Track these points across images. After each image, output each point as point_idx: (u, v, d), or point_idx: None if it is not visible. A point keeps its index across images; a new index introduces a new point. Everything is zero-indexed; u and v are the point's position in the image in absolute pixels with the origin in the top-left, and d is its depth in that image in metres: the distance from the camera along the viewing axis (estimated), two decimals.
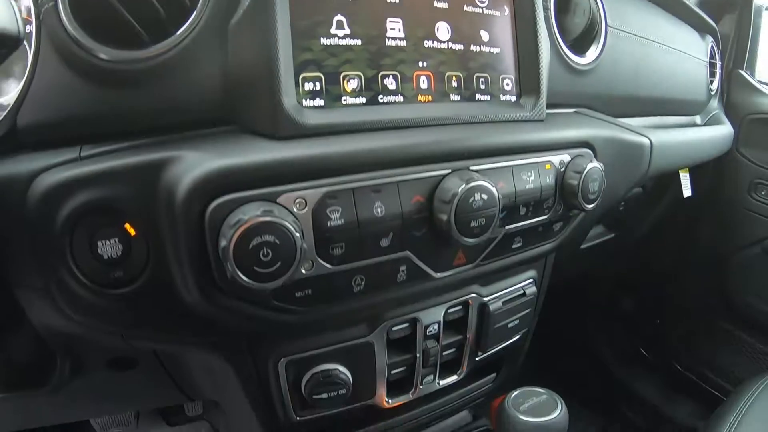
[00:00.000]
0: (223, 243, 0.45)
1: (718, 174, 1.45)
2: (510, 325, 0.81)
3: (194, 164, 0.47)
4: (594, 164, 0.70)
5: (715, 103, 1.39)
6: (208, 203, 0.47)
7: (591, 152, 0.73)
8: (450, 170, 0.58)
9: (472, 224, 0.57)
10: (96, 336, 0.60)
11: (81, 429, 1.24)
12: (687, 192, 1.32)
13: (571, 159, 0.70)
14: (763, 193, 1.42)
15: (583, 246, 1.17)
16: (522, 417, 0.64)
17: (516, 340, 0.87)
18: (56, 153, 0.49)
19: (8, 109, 0.48)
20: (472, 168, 0.59)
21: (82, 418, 1.09)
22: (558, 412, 0.65)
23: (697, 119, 1.31)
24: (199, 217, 0.47)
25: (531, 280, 0.83)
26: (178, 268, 0.50)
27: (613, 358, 1.84)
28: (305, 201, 0.50)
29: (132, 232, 0.49)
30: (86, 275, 0.50)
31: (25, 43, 0.49)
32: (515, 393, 0.68)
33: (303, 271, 0.52)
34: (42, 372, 0.71)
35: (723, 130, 1.30)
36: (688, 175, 1.30)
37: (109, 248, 0.49)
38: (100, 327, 0.56)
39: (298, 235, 0.47)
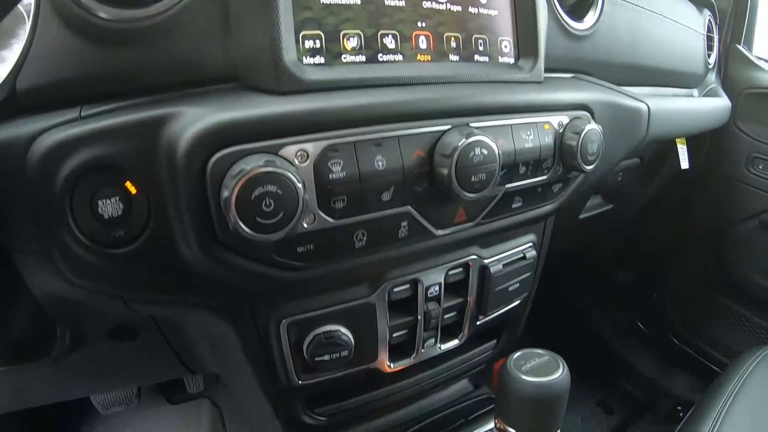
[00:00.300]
0: (225, 194, 0.46)
1: (715, 148, 1.46)
2: (510, 289, 0.82)
3: (196, 119, 0.48)
4: (592, 126, 0.70)
5: (712, 77, 1.39)
6: (210, 156, 0.47)
7: (589, 115, 0.74)
8: (450, 126, 0.58)
9: (473, 179, 0.57)
10: (96, 301, 0.60)
11: (82, 408, 1.25)
12: (684, 164, 1.32)
13: (570, 120, 0.71)
14: (760, 167, 1.43)
15: (581, 216, 1.18)
16: (524, 377, 0.64)
17: (516, 305, 0.87)
18: (56, 114, 0.49)
19: (8, 74, 0.48)
20: (471, 125, 0.60)
21: (82, 395, 1.09)
22: (560, 373, 0.65)
23: (695, 93, 1.31)
24: (200, 171, 0.48)
25: (531, 244, 0.84)
26: (179, 225, 0.50)
27: (611, 332, 1.86)
28: (307, 153, 0.50)
29: (133, 190, 0.50)
30: (87, 235, 0.50)
31: (22, 10, 0.49)
32: (517, 354, 0.69)
33: (305, 225, 0.52)
34: (42, 344, 0.71)
35: (720, 103, 1.30)
36: (685, 147, 1.31)
37: (110, 207, 0.49)
38: (100, 289, 0.57)
39: (300, 185, 0.47)
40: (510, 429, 0.68)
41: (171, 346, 0.82)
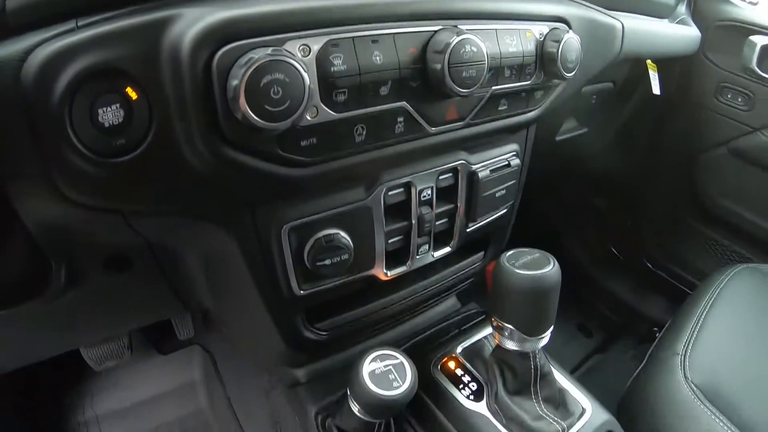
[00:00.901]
0: (234, 83, 0.48)
1: (686, 77, 1.51)
2: (497, 195, 0.87)
3: (200, 17, 0.49)
4: (571, 35, 0.75)
5: (683, 9, 1.43)
6: (215, 52, 0.49)
7: (567, 27, 0.78)
8: (441, 27, 0.62)
9: (464, 74, 0.61)
10: (94, 225, 0.61)
11: (75, 365, 1.26)
12: (656, 89, 1.37)
13: (549, 30, 0.75)
14: (728, 96, 1.48)
15: (558, 138, 1.23)
16: (518, 271, 0.69)
17: (503, 213, 0.92)
18: (51, 28, 0.49)
19: None
20: (460, 26, 0.63)
21: (78, 344, 1.09)
22: (551, 266, 0.70)
23: (666, 22, 1.36)
24: (205, 67, 0.49)
25: (514, 152, 0.89)
26: (183, 126, 0.51)
27: (587, 258, 1.94)
28: (309, 48, 0.53)
29: (134, 95, 0.50)
30: (87, 146, 0.49)
31: None
32: (509, 253, 0.73)
33: (308, 118, 0.55)
34: (37, 283, 0.72)
35: (690, 32, 1.35)
36: (656, 74, 1.35)
37: (111, 115, 0.49)
38: (101, 204, 0.57)
39: (306, 74, 0.50)
40: (507, 325, 0.74)
41: (166, 277, 0.84)
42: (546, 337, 0.74)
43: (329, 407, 0.89)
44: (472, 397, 0.82)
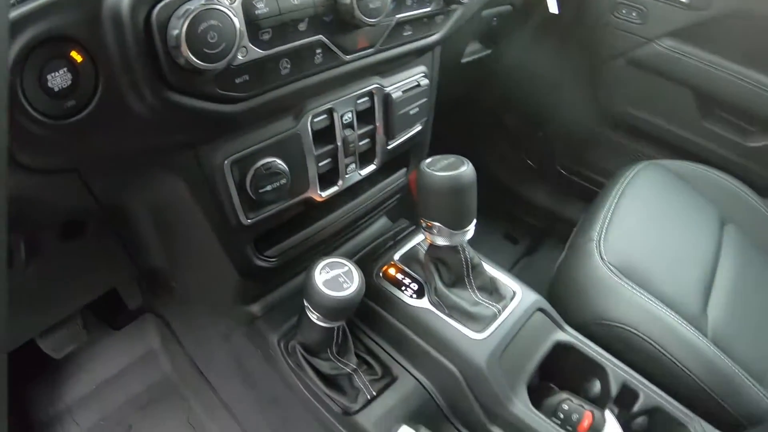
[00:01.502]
0: (174, 32, 0.59)
1: None
2: (411, 113, 1.03)
3: None
4: None
5: None
6: (153, 7, 0.60)
7: None
8: None
9: (371, 5, 0.75)
10: (51, 190, 0.70)
11: (33, 361, 1.32)
12: (553, 8, 1.55)
13: None
14: (623, 11, 1.70)
15: (464, 60, 1.40)
16: (438, 173, 0.86)
17: (419, 130, 1.09)
18: None
19: None
20: None
21: (34, 331, 1.15)
22: (466, 167, 0.87)
23: None
24: (145, 23, 0.59)
25: (423, 73, 1.05)
26: (128, 79, 0.61)
27: (506, 171, 2.18)
28: None
29: (79, 58, 0.57)
30: (40, 111, 0.57)
31: None
32: (428, 160, 0.89)
33: (240, 57, 0.68)
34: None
35: None
36: None
37: (59, 80, 0.57)
38: (59, 163, 0.66)
39: (235, 19, 0.63)
40: (435, 223, 0.90)
41: (119, 237, 0.96)
42: (470, 230, 0.91)
43: (289, 332, 1.02)
44: (414, 296, 0.99)
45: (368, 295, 0.96)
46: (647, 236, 1.30)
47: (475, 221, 0.92)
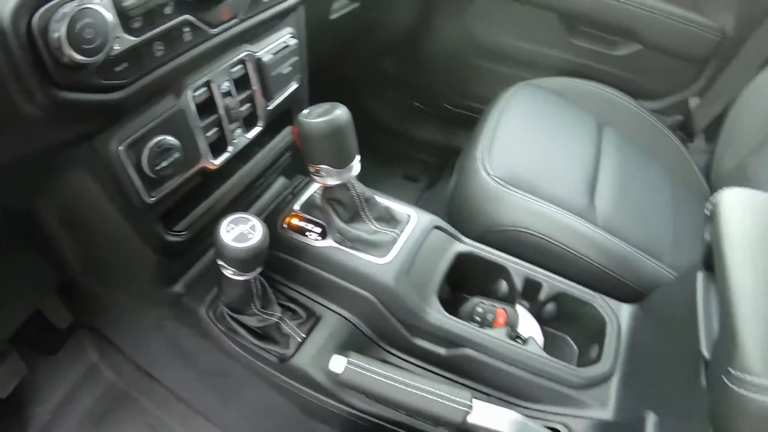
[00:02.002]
0: (56, 35, 0.69)
1: None
2: (284, 72, 1.17)
3: None
4: None
5: None
6: (32, 16, 0.69)
7: None
8: None
9: None
10: None
11: None
12: None
13: None
14: None
15: (332, 17, 1.56)
16: (315, 120, 0.99)
17: (296, 88, 1.24)
18: None
19: None
20: None
21: None
22: (341, 111, 1.01)
23: None
24: (26, 30, 0.69)
25: (290, 33, 1.19)
26: (16, 84, 0.70)
27: (395, 117, 2.37)
28: None
29: None
30: None
31: None
32: (305, 111, 1.02)
33: (116, 48, 0.79)
34: None
35: None
36: None
37: None
38: None
39: (107, 14, 0.75)
40: (322, 166, 1.05)
41: (34, 249, 1.05)
42: (355, 166, 1.07)
43: (214, 301, 1.14)
44: (319, 238, 1.15)
45: (277, 248, 1.12)
46: (529, 147, 1.51)
47: (358, 157, 1.08)
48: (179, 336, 1.28)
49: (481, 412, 0.97)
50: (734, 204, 0.92)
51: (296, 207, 1.22)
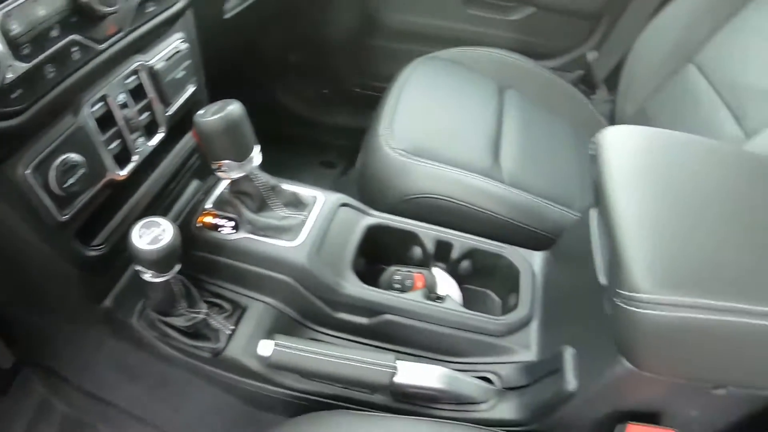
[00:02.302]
0: None
1: None
2: (179, 77, 1.25)
3: None
4: None
5: None
6: None
7: None
8: None
9: None
10: None
11: None
12: None
13: None
14: None
15: (227, 16, 1.64)
16: (211, 117, 1.08)
17: (194, 91, 1.32)
18: None
19: None
20: None
21: None
22: (234, 105, 1.09)
23: None
24: None
25: (180, 38, 1.27)
26: None
27: (305, 106, 2.48)
28: None
29: None
30: None
31: None
32: (200, 111, 1.11)
33: (9, 75, 0.85)
34: None
35: None
36: None
37: None
38: None
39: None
40: (223, 161, 1.14)
41: None
42: (255, 157, 1.17)
43: (143, 309, 1.20)
44: (232, 232, 1.23)
45: (195, 247, 1.21)
46: (431, 118, 1.63)
47: (257, 148, 1.17)
48: (119, 352, 1.32)
49: (407, 371, 1.09)
50: (613, 141, 1.06)
51: (208, 205, 1.31)
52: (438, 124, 1.60)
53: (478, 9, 2.23)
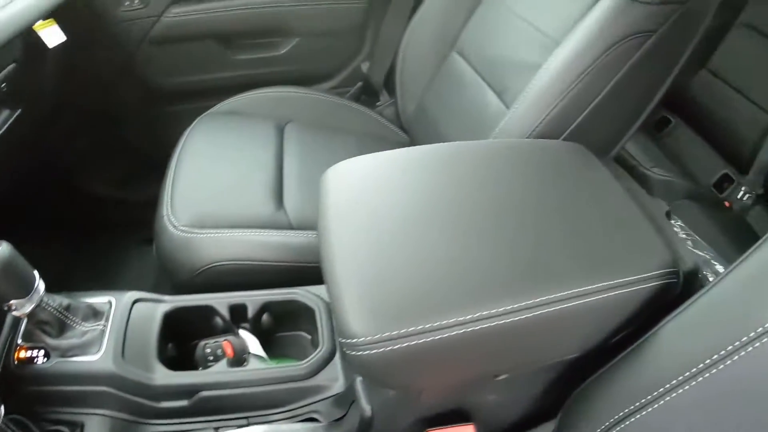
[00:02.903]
0: None
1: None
2: None
3: None
4: None
5: None
6: None
7: None
8: None
9: None
10: None
11: None
12: (58, 38, 1.70)
13: None
14: (126, 3, 2.05)
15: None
16: None
17: None
18: None
19: None
20: None
21: None
22: (1, 248, 1.10)
23: None
24: None
25: None
26: None
27: (113, 187, 2.42)
28: None
29: None
30: None
31: None
32: None
33: None
34: None
35: None
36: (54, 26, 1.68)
37: None
38: None
39: None
40: (11, 302, 1.13)
41: None
42: (39, 285, 1.18)
43: None
44: (45, 359, 1.24)
45: (22, 382, 1.23)
46: (211, 181, 1.65)
47: (37, 274, 1.19)
48: None
49: None
50: (333, 179, 1.13)
51: (19, 341, 1.31)
52: (218, 186, 1.62)
53: (244, 53, 2.29)
